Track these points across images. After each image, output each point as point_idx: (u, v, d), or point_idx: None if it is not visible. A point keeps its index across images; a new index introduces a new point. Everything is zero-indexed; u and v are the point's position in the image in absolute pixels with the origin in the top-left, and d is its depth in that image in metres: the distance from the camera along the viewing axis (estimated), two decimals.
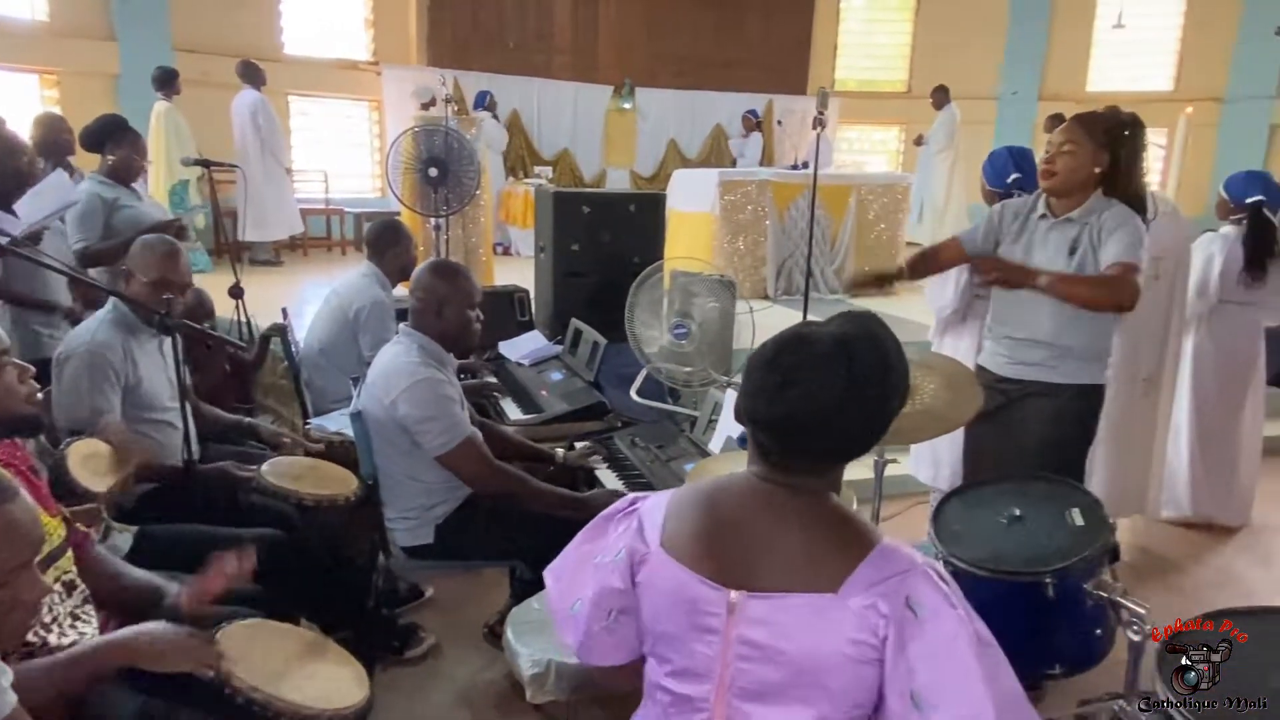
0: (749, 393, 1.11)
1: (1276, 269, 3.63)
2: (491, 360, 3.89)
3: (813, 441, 1.09)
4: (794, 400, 1.06)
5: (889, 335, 1.12)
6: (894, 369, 1.10)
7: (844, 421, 1.07)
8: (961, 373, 2.18)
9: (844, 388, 1.05)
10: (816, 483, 1.12)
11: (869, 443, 1.11)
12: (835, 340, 1.08)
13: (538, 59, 10.29)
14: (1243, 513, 3.89)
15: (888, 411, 1.11)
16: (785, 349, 1.10)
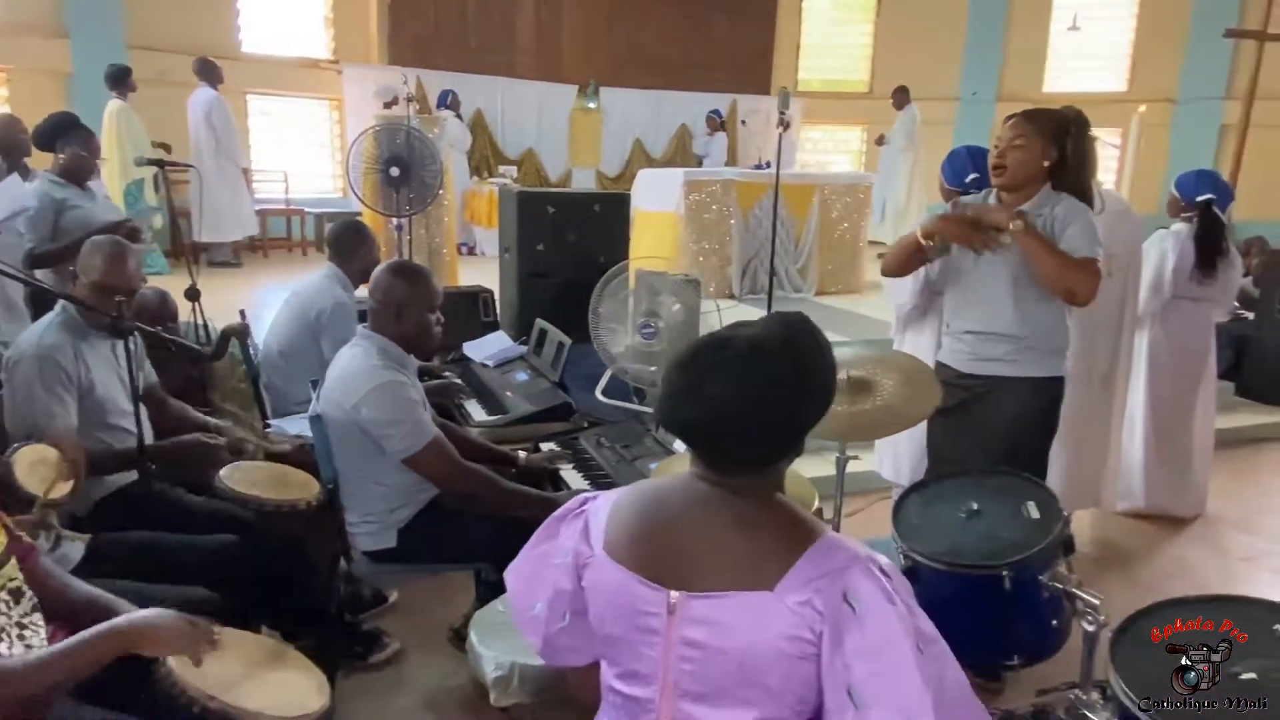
0: (664, 395, 1.10)
1: (1225, 266, 3.73)
2: (456, 361, 3.86)
3: (726, 444, 1.08)
4: (705, 403, 1.06)
5: (811, 337, 1.12)
6: (811, 371, 1.09)
7: (755, 424, 1.06)
8: (919, 369, 2.20)
9: (754, 390, 1.05)
10: (755, 482, 1.11)
11: (787, 445, 1.10)
12: (750, 343, 1.07)
13: (501, 58, 10.24)
14: (1196, 504, 3.99)
15: (806, 413, 1.10)
16: (701, 352, 1.10)
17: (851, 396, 2.03)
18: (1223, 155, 9.57)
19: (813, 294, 6.81)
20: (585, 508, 1.22)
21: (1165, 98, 10.70)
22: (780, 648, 1.02)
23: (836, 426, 1.99)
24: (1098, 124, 2.51)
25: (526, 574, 1.28)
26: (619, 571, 1.12)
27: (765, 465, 1.12)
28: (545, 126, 10.45)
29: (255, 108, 9.38)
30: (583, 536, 1.19)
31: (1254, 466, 4.78)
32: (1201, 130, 10.52)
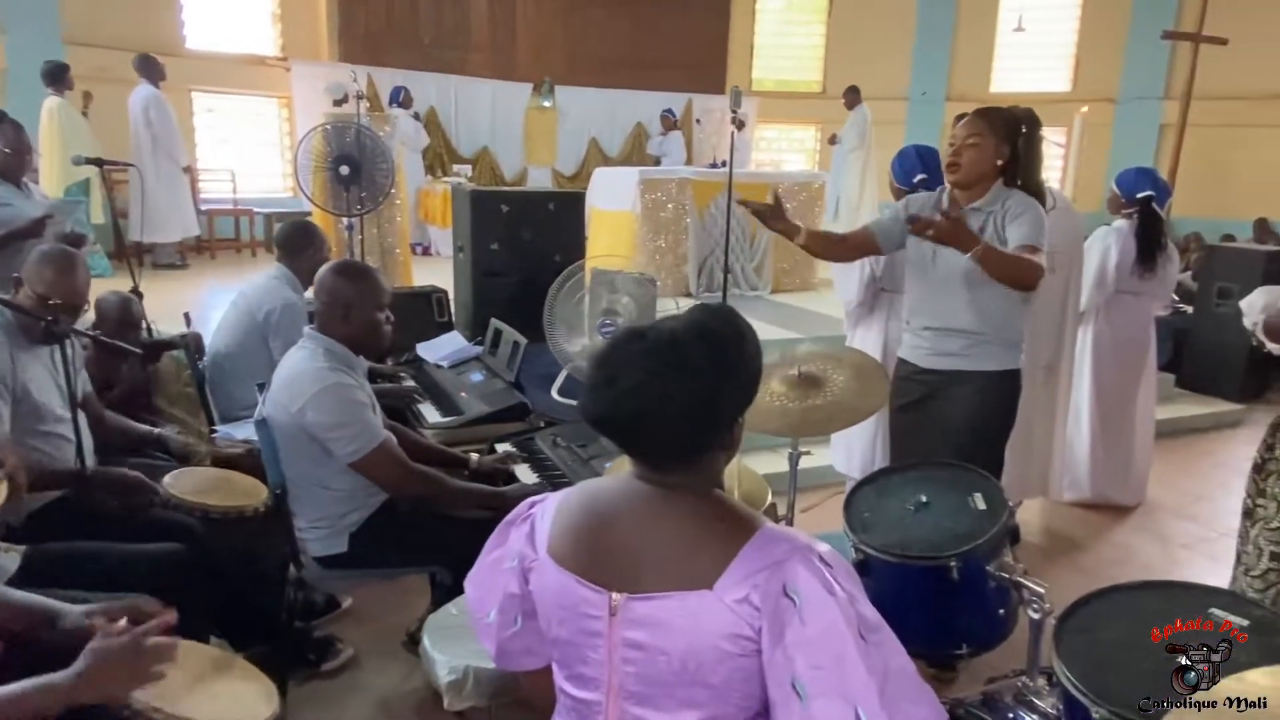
0: (583, 391, 1.10)
1: (1164, 261, 3.84)
2: (409, 362, 3.82)
3: (644, 437, 1.07)
4: (617, 398, 1.05)
5: (731, 326, 1.10)
6: (730, 360, 1.08)
7: (672, 415, 1.05)
8: (868, 364, 2.23)
9: (668, 381, 1.04)
10: (690, 478, 1.11)
11: (709, 436, 1.09)
12: (666, 334, 1.07)
13: (454, 56, 10.15)
14: (1138, 492, 4.11)
15: (726, 403, 1.08)
16: (617, 346, 1.09)
17: (803, 392, 2.05)
18: (1161, 154, 9.87)
19: (768, 292, 6.86)
20: (533, 511, 1.22)
21: (1107, 98, 10.99)
22: (721, 646, 1.01)
23: (789, 422, 2.01)
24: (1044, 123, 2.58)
25: (481, 581, 1.28)
26: (561, 574, 1.12)
27: (691, 457, 1.10)
28: (500, 125, 10.38)
29: (200, 105, 9.16)
30: (528, 540, 1.18)
31: (1193, 455, 4.94)
32: (1141, 129, 10.83)
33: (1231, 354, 5.62)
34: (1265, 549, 2.22)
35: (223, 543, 2.29)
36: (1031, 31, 11.09)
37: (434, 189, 8.90)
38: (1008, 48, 11.69)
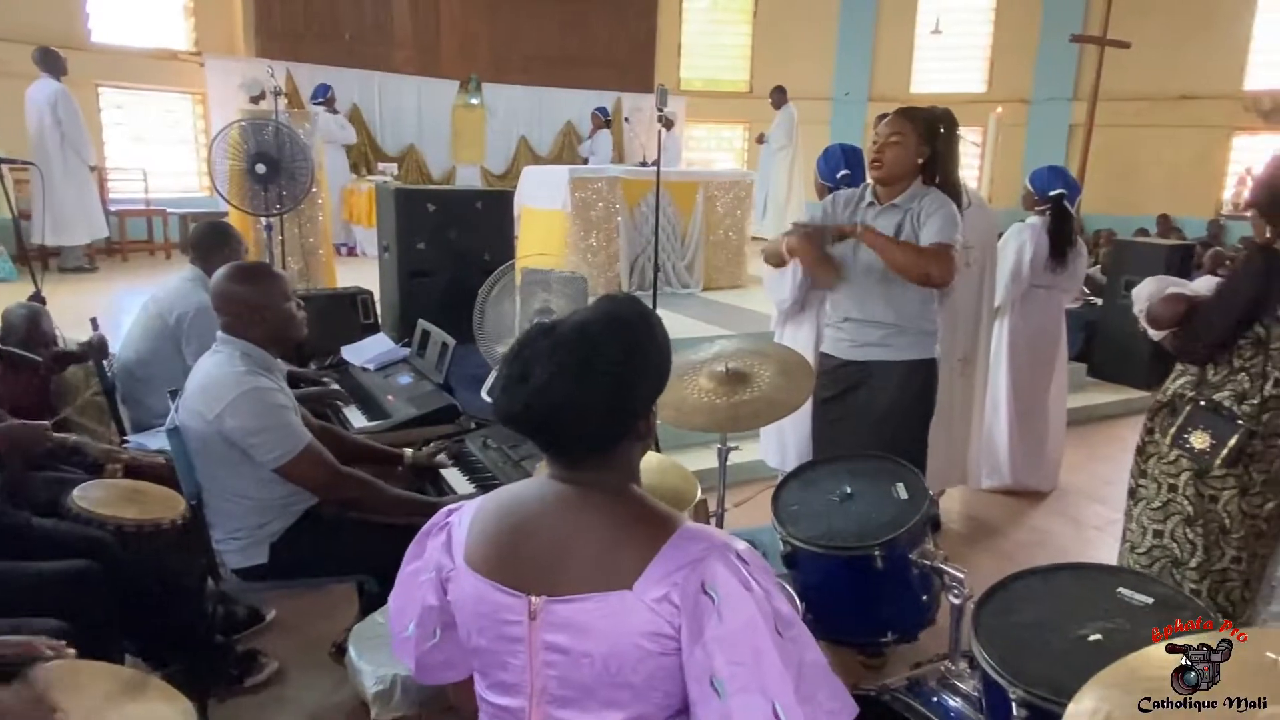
0: (497, 389, 1.08)
1: (1074, 255, 4.01)
2: (334, 366, 3.72)
3: (556, 429, 1.07)
4: (531, 394, 1.04)
5: (639, 316, 1.11)
6: (639, 349, 1.08)
7: (584, 409, 1.05)
8: (795, 359, 2.27)
9: (578, 372, 1.04)
10: (603, 476, 1.11)
11: (621, 426, 1.09)
12: (575, 326, 1.07)
13: (377, 52, 9.94)
14: (1052, 478, 4.28)
15: (636, 391, 1.08)
16: (528, 341, 1.08)
17: (731, 388, 2.07)
18: (1072, 153, 10.29)
19: (699, 289, 6.92)
20: (450, 519, 1.19)
21: (1020, 98, 11.41)
22: (642, 646, 1.01)
23: (717, 418, 2.03)
24: (961, 123, 2.67)
25: (400, 595, 1.25)
26: (479, 581, 1.10)
27: (607, 449, 1.10)
28: (426, 122, 10.20)
29: (108, 101, 8.77)
30: (445, 549, 1.16)
31: (1104, 441, 5.17)
32: (1053, 129, 11.28)
33: (1138, 343, 5.84)
34: (1148, 527, 2.34)
35: (137, 557, 2.20)
36: (948, 34, 11.46)
37: (359, 188, 8.69)
38: (926, 49, 12.04)
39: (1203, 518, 2.23)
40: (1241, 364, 2.16)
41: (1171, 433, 2.24)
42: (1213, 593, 2.27)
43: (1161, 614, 1.40)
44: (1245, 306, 2.11)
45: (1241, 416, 2.14)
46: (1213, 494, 2.22)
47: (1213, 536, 2.24)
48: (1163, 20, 10.10)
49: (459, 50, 10.46)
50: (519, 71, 10.71)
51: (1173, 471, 2.27)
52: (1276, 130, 10.15)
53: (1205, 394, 2.20)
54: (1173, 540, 2.28)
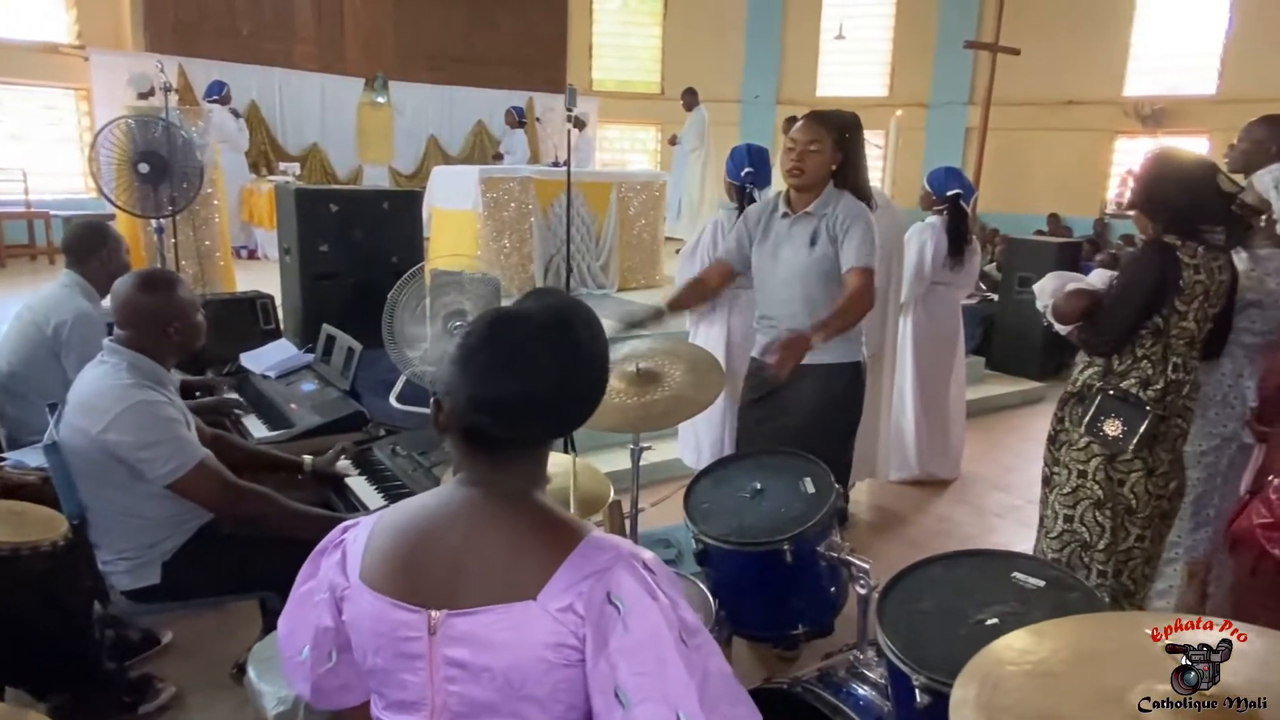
0: (473, 376, 1.04)
1: (970, 253, 4.18)
2: (232, 374, 3.56)
3: (538, 416, 1.06)
4: (527, 370, 1.02)
5: (588, 309, 1.12)
6: (600, 341, 1.11)
7: (570, 396, 1.06)
8: (704, 358, 2.29)
9: (568, 355, 1.05)
10: (522, 476, 1.09)
11: (590, 410, 1.10)
12: (549, 312, 1.07)
13: (276, 48, 9.60)
14: (955, 467, 4.45)
15: (604, 379, 1.11)
16: (502, 326, 1.06)
17: (642, 388, 2.07)
18: (968, 155, 10.73)
19: (615, 290, 6.92)
20: (345, 536, 1.15)
21: (919, 102, 11.83)
22: (545, 658, 1.00)
23: (629, 418, 2.02)
24: (864, 126, 2.73)
25: (291, 617, 1.20)
26: (376, 599, 1.06)
27: (544, 447, 1.12)
28: (330, 121, 9.91)
29: None
30: (339, 568, 1.12)
31: (1003, 430, 5.40)
32: (950, 132, 11.74)
33: (1032, 336, 6.18)
34: (1060, 512, 2.45)
35: (16, 582, 2.05)
36: (851, 39, 11.79)
37: (259, 188, 8.37)
38: (830, 54, 12.37)
39: (1111, 501, 2.34)
40: (1144, 352, 2.28)
41: (1085, 421, 2.34)
42: (1118, 573, 2.39)
43: (1053, 596, 1.46)
44: (1145, 299, 2.23)
45: (1148, 402, 2.26)
46: (1120, 477, 2.33)
47: (1119, 518, 2.35)
48: (1050, 29, 10.63)
49: (364, 47, 10.19)
50: (427, 70, 10.51)
51: (1083, 458, 2.37)
52: (1154, 134, 10.81)
53: (1113, 383, 2.32)
54: (1082, 524, 2.39)
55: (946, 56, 11.31)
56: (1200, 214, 2.23)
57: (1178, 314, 2.24)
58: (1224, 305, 2.33)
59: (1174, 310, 2.23)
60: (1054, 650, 1.01)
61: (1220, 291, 2.28)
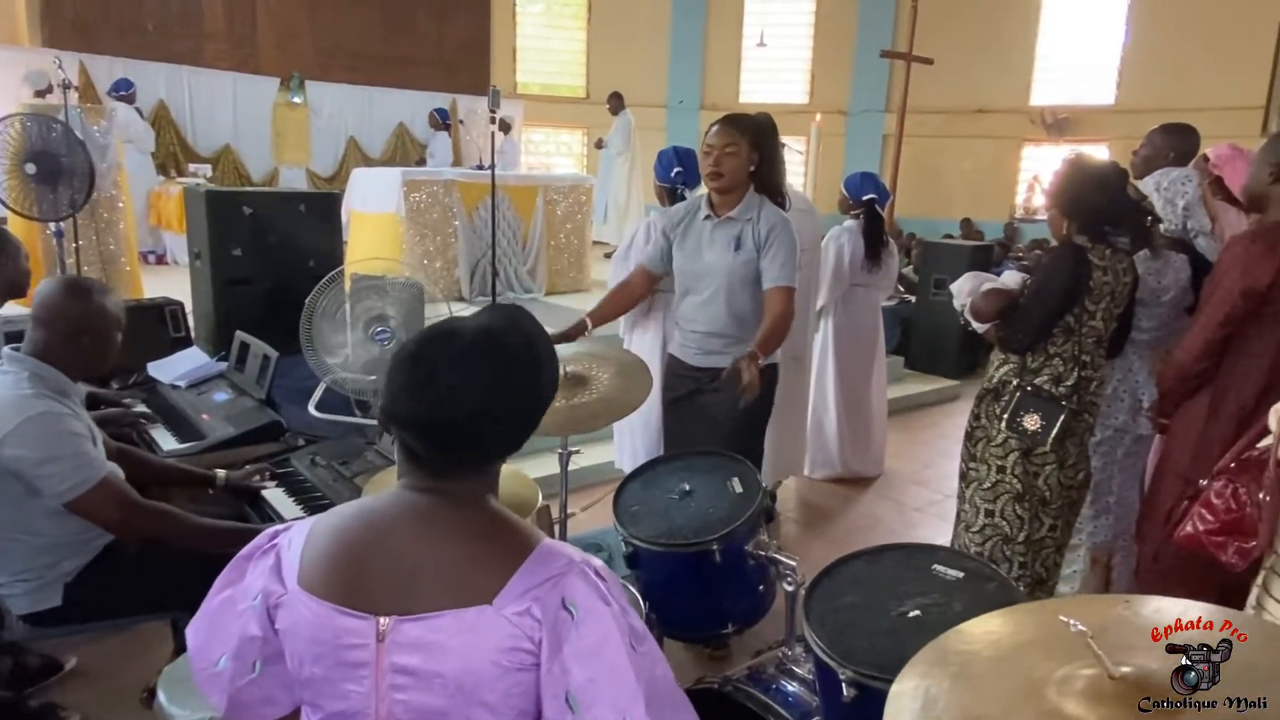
0: (392, 391, 1.04)
1: (886, 255, 4.30)
2: (139, 385, 3.40)
3: (462, 437, 1.04)
4: (441, 394, 1.01)
5: (535, 323, 1.12)
6: (543, 362, 1.10)
7: (494, 415, 1.04)
8: (632, 360, 2.29)
9: (493, 378, 1.03)
10: (469, 487, 1.08)
11: (524, 433, 1.09)
12: (482, 331, 1.05)
13: (185, 45, 9.25)
14: (878, 464, 4.56)
15: (538, 404, 1.10)
16: (430, 343, 1.05)
17: (569, 391, 2.06)
18: (886, 161, 11.05)
19: (543, 294, 6.88)
20: (276, 542, 1.11)
21: (839, 110, 12.13)
22: (499, 662, 0.99)
23: (556, 421, 2.01)
24: (785, 132, 2.78)
25: (207, 627, 1.14)
26: (317, 605, 1.03)
27: (494, 459, 1.10)
28: (243, 121, 9.58)
29: None
30: (273, 573, 1.08)
31: (922, 427, 5.57)
32: (869, 138, 12.08)
33: (948, 336, 6.39)
34: (980, 507, 2.53)
35: None
36: (773, 46, 12.02)
37: (168, 191, 8.02)
38: (753, 61, 12.58)
39: (1029, 494, 2.44)
40: (1056, 350, 2.38)
41: (1005, 417, 2.43)
42: (1033, 562, 2.49)
43: (972, 586, 1.51)
44: (1058, 299, 2.33)
45: (1062, 397, 2.35)
46: (1035, 470, 2.43)
47: (1035, 510, 2.45)
48: (962, 40, 11.04)
49: (278, 46, 9.90)
50: (346, 70, 10.27)
51: (1001, 453, 2.46)
52: (1059, 142, 11.34)
53: (1028, 380, 2.41)
54: (1002, 518, 2.48)
55: (864, 65, 11.63)
56: (1114, 213, 2.35)
57: (1087, 313, 2.35)
58: (1126, 305, 2.45)
59: (1084, 309, 2.34)
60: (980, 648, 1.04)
61: (1125, 292, 2.40)
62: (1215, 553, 1.73)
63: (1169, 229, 2.66)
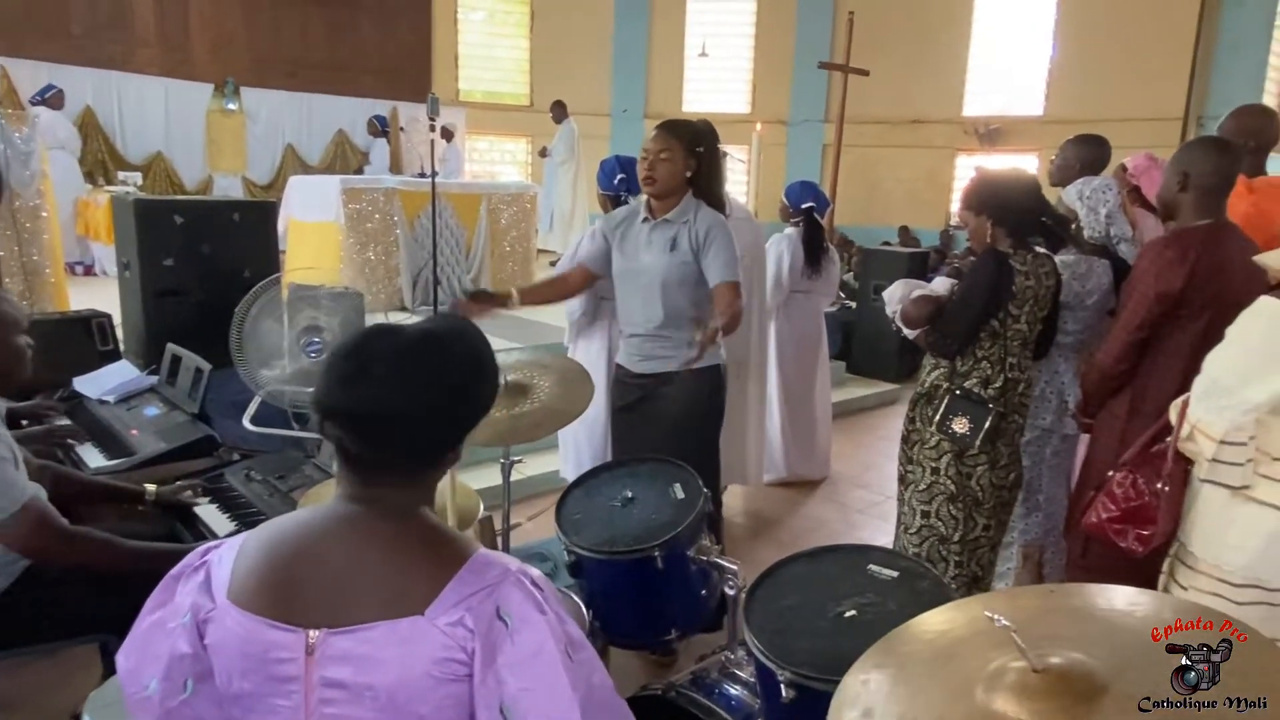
0: (327, 383, 1.03)
1: (827, 262, 4.38)
2: (64, 400, 3.28)
3: (388, 433, 1.04)
4: (371, 391, 1.01)
5: (481, 340, 1.12)
6: (482, 372, 1.10)
7: (421, 415, 1.04)
8: (573, 368, 2.29)
9: (425, 379, 1.03)
10: (403, 496, 1.07)
11: (447, 442, 1.09)
12: (423, 333, 1.06)
13: (114, 49, 8.97)
14: (823, 468, 4.64)
15: (471, 412, 1.10)
16: (369, 339, 1.06)
17: (510, 401, 2.05)
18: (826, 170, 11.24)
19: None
20: (207, 558, 1.09)
21: (780, 119, 12.31)
22: (431, 673, 0.98)
23: (498, 431, 2.00)
24: (727, 141, 2.82)
25: (137, 650, 1.12)
26: (246, 619, 1.01)
27: (425, 466, 1.09)
28: (176, 128, 9.33)
29: None
30: (203, 589, 1.06)
31: (864, 430, 5.68)
32: (809, 148, 12.28)
33: (888, 341, 6.52)
34: (917, 509, 2.59)
35: None
36: (715, 56, 12.15)
37: (96, 199, 7.75)
38: (695, 70, 12.69)
39: (962, 494, 2.50)
40: (983, 354, 2.45)
41: (936, 420, 2.50)
42: (968, 561, 2.55)
43: (906, 585, 1.54)
44: (983, 303, 2.41)
45: (990, 400, 2.42)
46: (968, 471, 2.49)
47: (969, 510, 2.51)
48: (896, 52, 11.31)
49: (212, 51, 9.66)
50: (283, 76, 10.08)
51: (934, 456, 2.52)
52: (991, 151, 11.68)
53: (958, 383, 2.48)
54: (938, 519, 2.54)
55: (804, 76, 11.82)
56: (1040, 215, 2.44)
57: (1011, 317, 2.42)
58: (1050, 308, 2.54)
59: (1008, 314, 2.42)
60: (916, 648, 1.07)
61: (1047, 296, 2.49)
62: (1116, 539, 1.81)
63: (1092, 236, 2.77)
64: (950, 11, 11.78)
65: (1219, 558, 1.69)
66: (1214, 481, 1.70)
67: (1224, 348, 1.72)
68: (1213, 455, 1.66)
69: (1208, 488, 1.72)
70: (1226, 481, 1.68)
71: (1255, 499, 1.67)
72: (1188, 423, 1.73)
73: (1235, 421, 1.63)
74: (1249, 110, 2.92)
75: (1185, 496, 1.80)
